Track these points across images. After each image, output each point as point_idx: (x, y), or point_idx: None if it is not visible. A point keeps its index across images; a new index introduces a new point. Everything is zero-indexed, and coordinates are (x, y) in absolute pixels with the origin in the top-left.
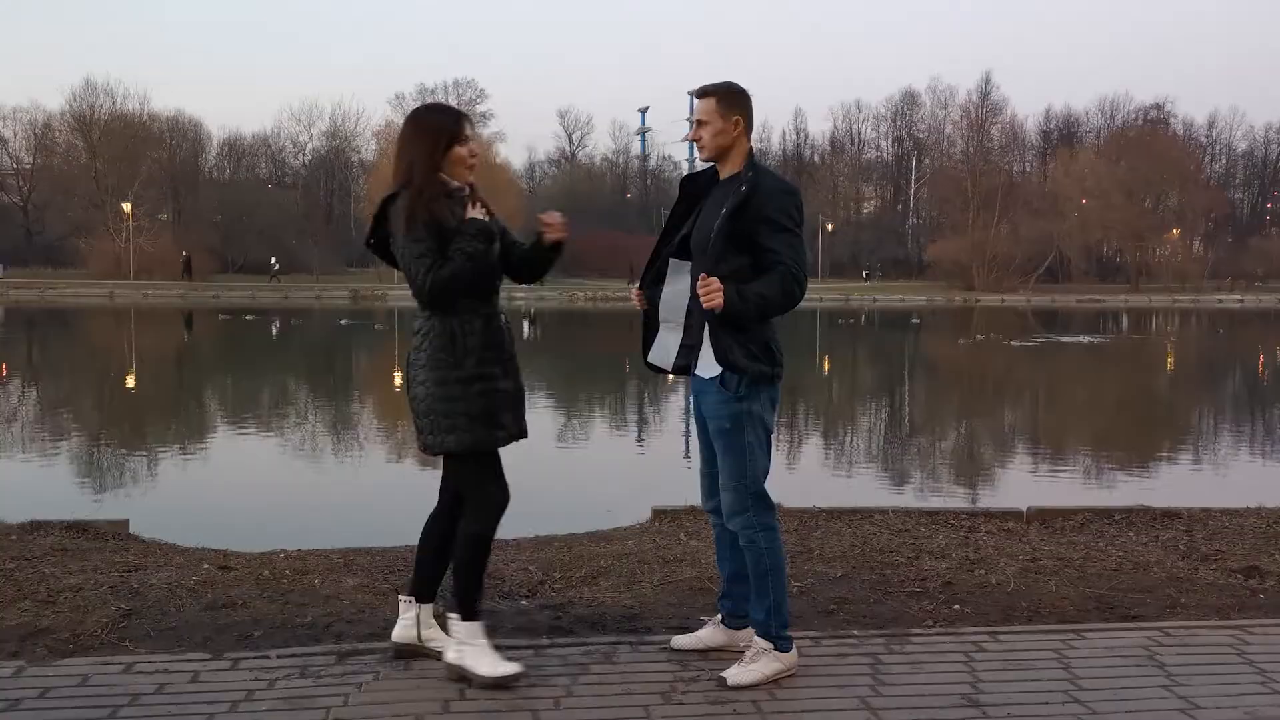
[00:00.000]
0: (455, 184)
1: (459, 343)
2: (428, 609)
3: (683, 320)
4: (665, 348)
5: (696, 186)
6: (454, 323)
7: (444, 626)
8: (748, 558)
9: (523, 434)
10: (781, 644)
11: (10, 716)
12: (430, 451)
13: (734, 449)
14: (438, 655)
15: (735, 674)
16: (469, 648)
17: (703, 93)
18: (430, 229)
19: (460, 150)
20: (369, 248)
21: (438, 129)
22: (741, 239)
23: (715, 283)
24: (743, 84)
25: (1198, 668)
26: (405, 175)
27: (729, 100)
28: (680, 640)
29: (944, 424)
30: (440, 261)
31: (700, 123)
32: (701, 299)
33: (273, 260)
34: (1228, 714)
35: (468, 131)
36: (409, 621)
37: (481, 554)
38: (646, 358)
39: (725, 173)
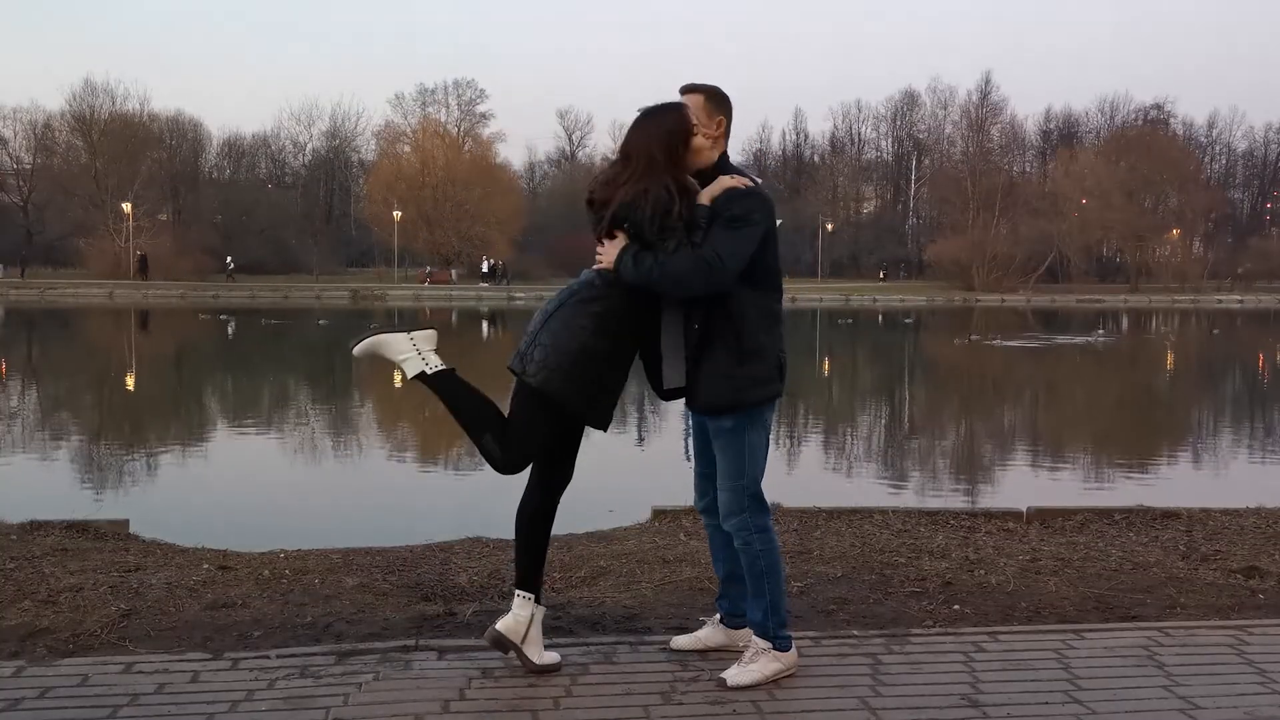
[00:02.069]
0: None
1: (627, 321)
2: (540, 610)
3: (682, 348)
4: (674, 370)
5: None
6: (634, 300)
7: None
8: (743, 559)
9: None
10: (780, 643)
11: (10, 716)
12: (526, 378)
13: (734, 448)
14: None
15: (734, 674)
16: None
17: (691, 89)
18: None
19: (695, 140)
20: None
21: (673, 131)
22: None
23: (616, 247)
24: (746, 83)
25: (1198, 668)
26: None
27: (716, 101)
28: (679, 641)
29: (943, 424)
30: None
31: None
32: (597, 260)
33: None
34: (1227, 714)
35: (692, 119)
36: (523, 617)
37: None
38: (661, 389)
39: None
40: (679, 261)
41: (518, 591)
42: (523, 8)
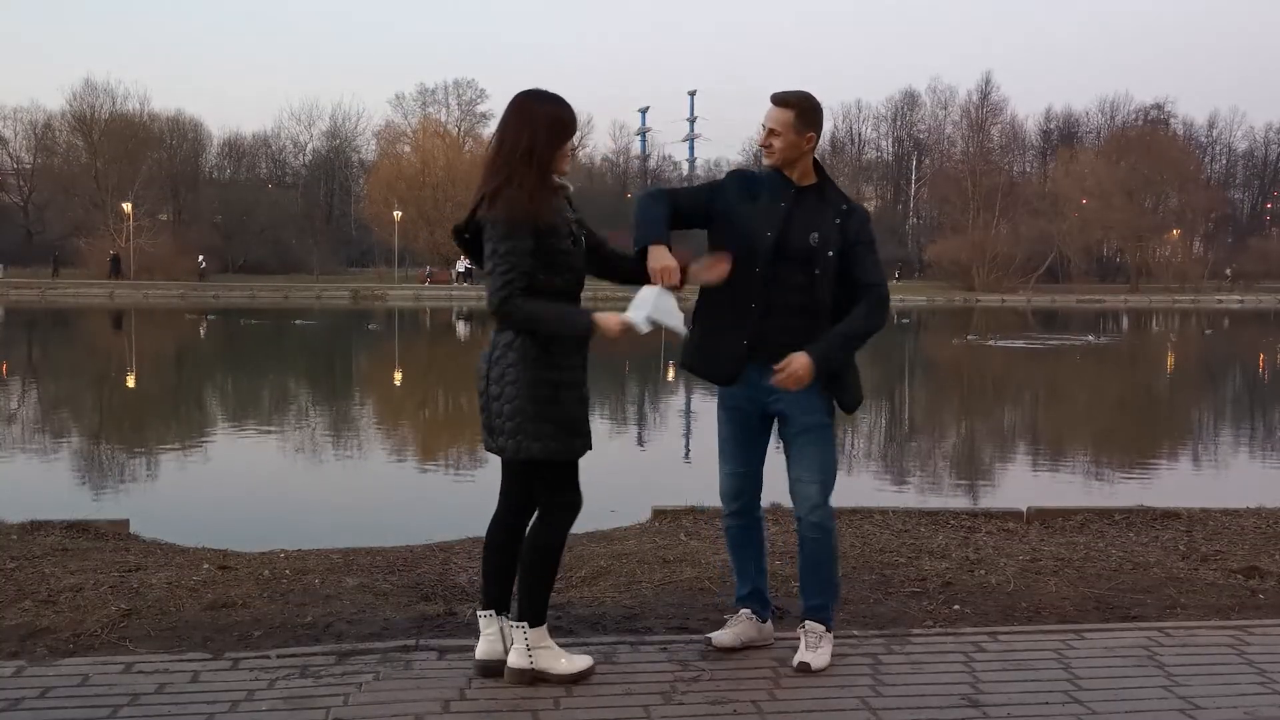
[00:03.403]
0: (561, 181)
1: (556, 344)
2: (506, 619)
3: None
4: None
5: (748, 184)
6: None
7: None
8: (813, 549)
9: (590, 445)
10: (831, 625)
11: (11, 716)
12: (506, 456)
13: (823, 442)
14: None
15: (816, 659)
16: (541, 651)
17: (782, 101)
18: (529, 231)
19: (570, 144)
20: (460, 240)
21: (557, 121)
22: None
23: (796, 365)
24: (746, 83)
25: (1198, 668)
26: (512, 169)
27: (807, 117)
28: (722, 638)
29: (943, 424)
30: (523, 287)
31: (773, 131)
32: (782, 382)
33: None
34: (1228, 714)
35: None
36: (493, 636)
37: (555, 561)
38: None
39: (794, 177)
40: (856, 321)
41: (492, 612)
42: (523, 7)
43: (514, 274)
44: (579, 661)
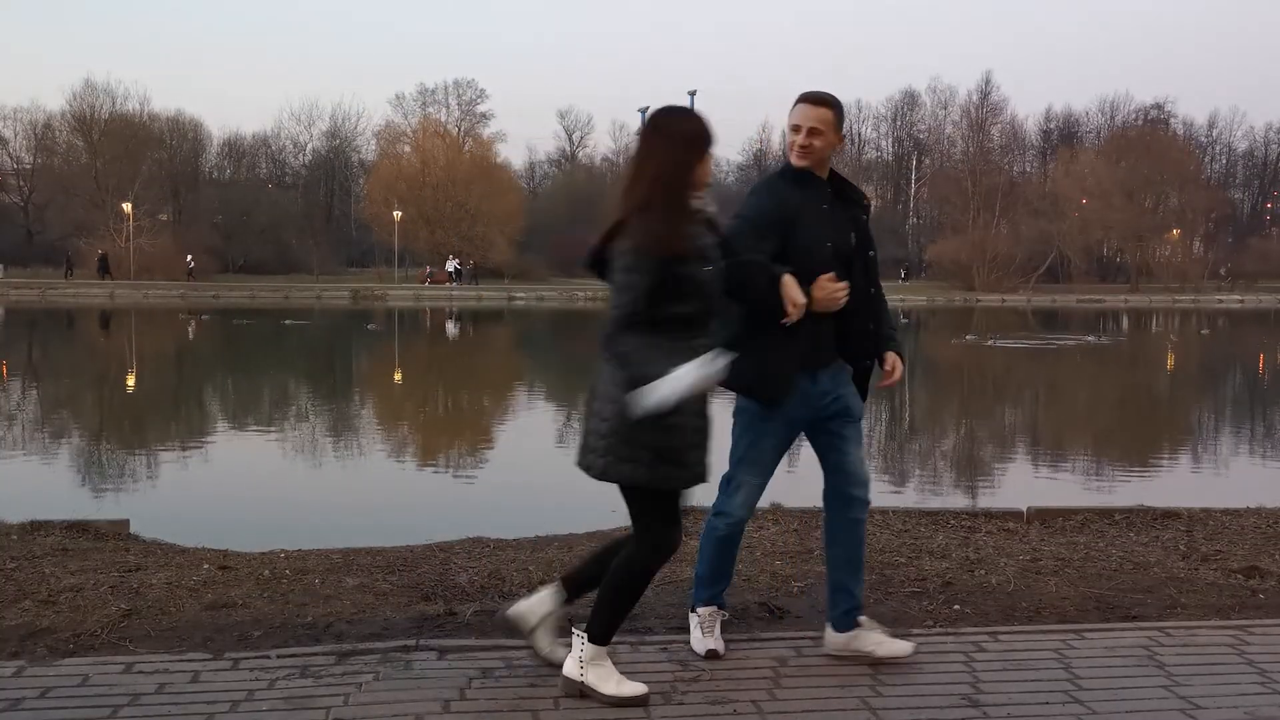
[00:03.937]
0: (701, 204)
1: (660, 370)
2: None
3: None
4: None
5: (792, 189)
6: (651, 336)
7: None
8: (854, 536)
9: (703, 477)
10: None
11: (11, 716)
12: (595, 474)
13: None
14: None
15: (899, 645)
16: (594, 667)
17: (821, 101)
18: (654, 264)
19: (709, 154)
20: (591, 267)
21: (689, 138)
22: None
23: (900, 363)
24: (746, 83)
25: (1198, 668)
26: (645, 196)
27: (841, 117)
28: (720, 646)
29: (943, 424)
30: (636, 322)
31: (815, 130)
32: (892, 381)
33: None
34: (1228, 714)
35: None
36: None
37: (635, 589)
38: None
39: (823, 178)
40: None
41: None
42: (523, 7)
43: (628, 308)
44: (630, 687)
